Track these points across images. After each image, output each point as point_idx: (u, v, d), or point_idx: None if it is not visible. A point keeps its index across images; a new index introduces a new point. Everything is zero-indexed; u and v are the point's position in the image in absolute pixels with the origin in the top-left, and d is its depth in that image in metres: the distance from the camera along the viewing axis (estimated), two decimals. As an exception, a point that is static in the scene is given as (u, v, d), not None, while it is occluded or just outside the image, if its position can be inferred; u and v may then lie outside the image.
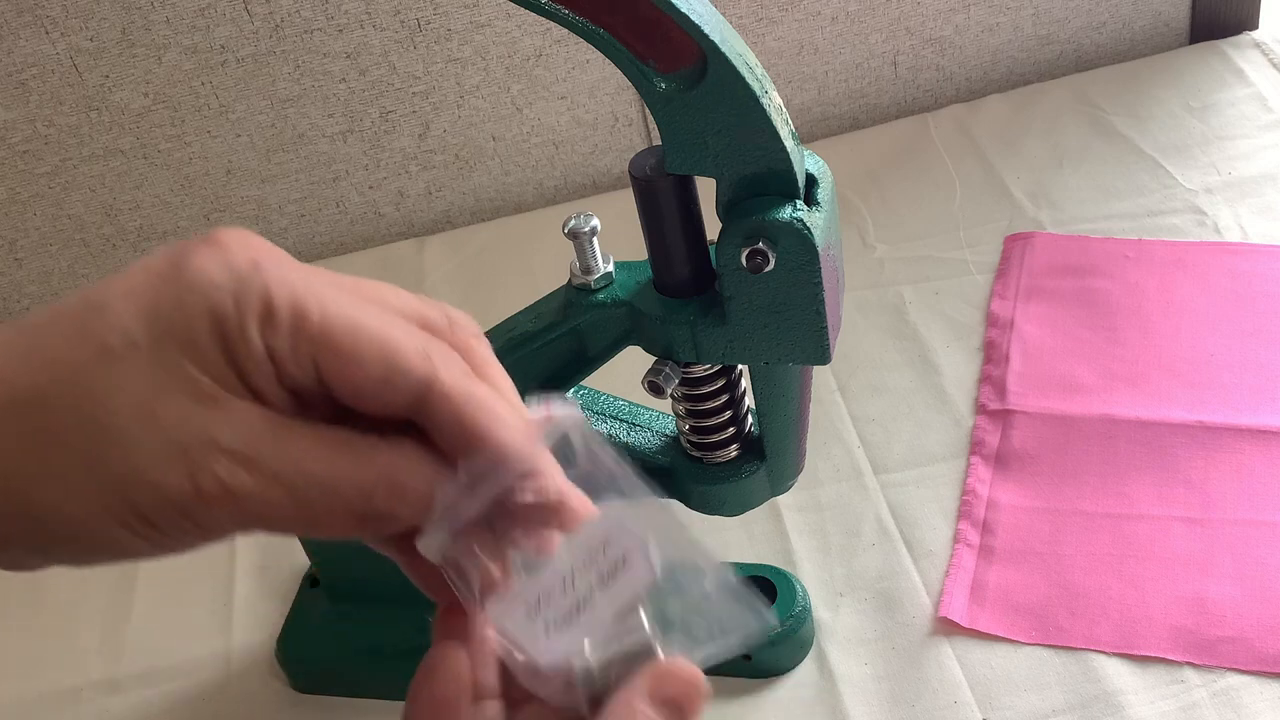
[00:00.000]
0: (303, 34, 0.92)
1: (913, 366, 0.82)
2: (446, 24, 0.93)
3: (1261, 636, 0.64)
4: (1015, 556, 0.70)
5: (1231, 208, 0.88)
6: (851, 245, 0.91)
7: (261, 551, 0.79)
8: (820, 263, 0.50)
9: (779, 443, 0.60)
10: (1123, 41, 1.05)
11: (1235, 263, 0.84)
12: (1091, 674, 0.64)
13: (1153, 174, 0.93)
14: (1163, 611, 0.66)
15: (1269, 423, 0.73)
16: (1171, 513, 0.70)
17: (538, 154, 1.01)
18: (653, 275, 0.56)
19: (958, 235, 0.91)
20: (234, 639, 0.74)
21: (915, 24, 1.01)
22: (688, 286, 0.55)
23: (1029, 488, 0.73)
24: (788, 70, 1.01)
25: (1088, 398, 0.77)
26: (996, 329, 0.83)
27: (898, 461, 0.77)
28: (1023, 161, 0.96)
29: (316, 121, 0.96)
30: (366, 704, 0.69)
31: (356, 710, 0.69)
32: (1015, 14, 1.02)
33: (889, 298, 0.87)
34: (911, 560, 0.71)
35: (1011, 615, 0.67)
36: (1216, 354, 0.78)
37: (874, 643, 0.68)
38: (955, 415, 0.78)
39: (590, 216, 0.56)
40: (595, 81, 0.98)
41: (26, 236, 0.98)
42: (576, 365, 0.60)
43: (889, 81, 1.04)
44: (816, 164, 0.52)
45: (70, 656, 0.75)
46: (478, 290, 0.95)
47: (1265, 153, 0.92)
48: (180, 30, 0.90)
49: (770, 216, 0.49)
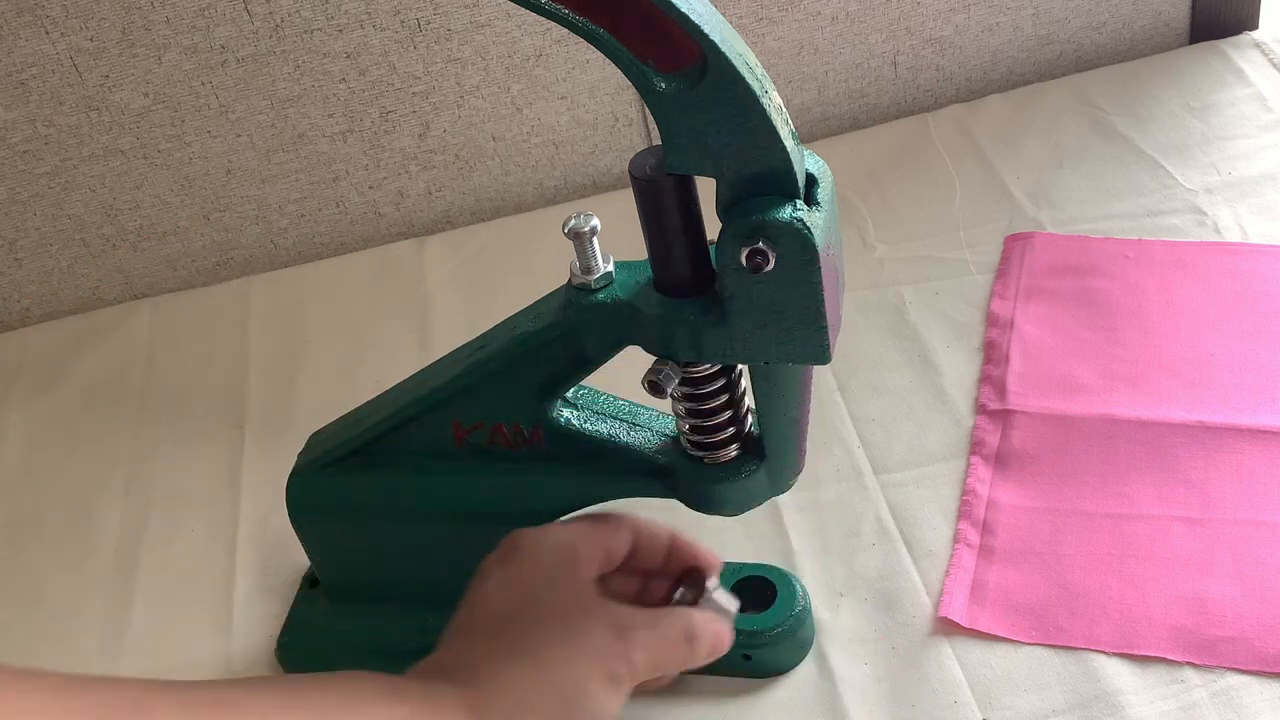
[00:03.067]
0: (303, 34, 0.92)
1: (913, 366, 0.82)
2: (446, 24, 0.93)
3: (1261, 636, 0.64)
4: (1015, 556, 0.70)
5: (1231, 208, 0.88)
6: (851, 245, 0.91)
7: (261, 551, 0.79)
8: (820, 262, 0.50)
9: (779, 443, 0.60)
10: (1123, 41, 1.05)
11: (1235, 263, 0.84)
12: (1091, 674, 0.64)
13: (1153, 174, 0.93)
14: (1163, 611, 0.66)
15: (1269, 423, 0.73)
16: (1171, 513, 0.70)
17: (538, 154, 1.01)
18: (653, 275, 0.56)
19: (958, 235, 0.91)
20: (234, 639, 0.74)
21: (915, 24, 1.01)
22: (688, 286, 0.55)
23: (1029, 488, 0.73)
24: (788, 70, 1.01)
25: (1088, 398, 0.77)
26: (996, 329, 0.83)
27: (898, 461, 0.77)
28: (1023, 161, 0.96)
29: (316, 121, 0.96)
30: (366, 704, 0.69)
31: (356, 710, 0.69)
32: (1015, 14, 1.02)
33: (889, 298, 0.87)
34: (911, 560, 0.71)
35: (1011, 615, 0.67)
36: (1216, 354, 0.78)
37: (874, 643, 0.68)
38: (955, 415, 0.78)
39: (590, 216, 0.56)
40: (595, 81, 0.98)
41: (26, 236, 0.98)
42: (576, 365, 0.60)
43: (889, 81, 1.04)
44: (816, 164, 0.52)
45: (70, 656, 0.75)
46: (478, 290, 0.95)
47: (1265, 153, 0.92)
48: (180, 30, 0.90)
49: (770, 216, 0.49)
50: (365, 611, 0.69)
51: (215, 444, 0.87)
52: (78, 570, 0.80)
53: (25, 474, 0.88)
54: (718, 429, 0.60)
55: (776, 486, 0.63)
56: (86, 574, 0.80)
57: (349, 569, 0.69)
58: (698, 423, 0.60)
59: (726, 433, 0.60)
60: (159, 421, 0.89)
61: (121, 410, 0.91)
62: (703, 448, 0.61)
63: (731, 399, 0.60)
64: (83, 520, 0.83)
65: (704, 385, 0.58)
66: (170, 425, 0.89)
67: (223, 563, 0.79)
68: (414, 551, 0.66)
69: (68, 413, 0.92)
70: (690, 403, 0.59)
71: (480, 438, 0.62)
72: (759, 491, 0.62)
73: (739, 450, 0.61)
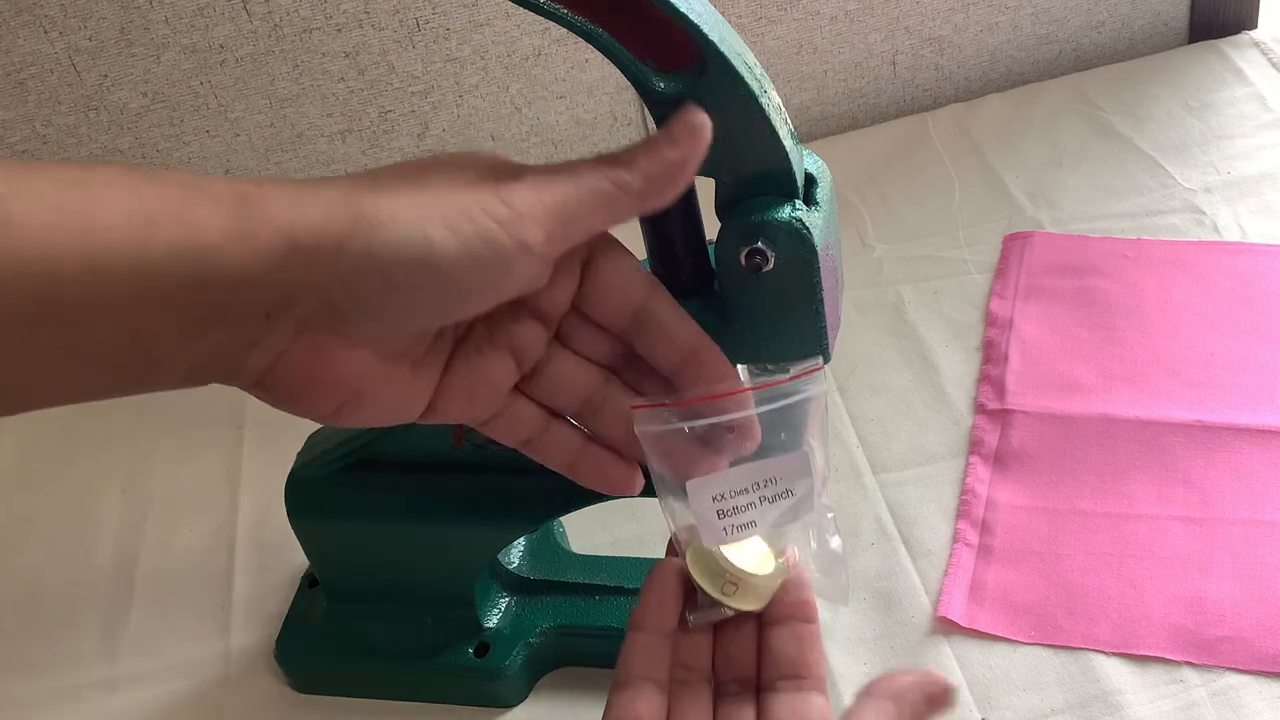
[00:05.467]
0: (301, 33, 0.92)
1: (911, 366, 0.82)
2: (445, 23, 0.93)
3: (1261, 636, 0.64)
4: (1014, 556, 0.70)
5: (1230, 207, 0.88)
6: (850, 245, 0.91)
7: (261, 551, 0.79)
8: (819, 262, 0.50)
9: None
10: (1121, 41, 1.05)
11: (1234, 262, 0.84)
12: (1090, 673, 0.64)
13: (1151, 173, 0.93)
14: (1162, 611, 0.66)
15: (1269, 422, 0.73)
16: (1170, 512, 0.70)
17: (537, 153, 1.01)
18: (652, 275, 0.56)
19: (957, 235, 0.91)
20: (234, 639, 0.74)
21: (914, 23, 1.01)
22: (686, 286, 0.55)
23: (1028, 487, 0.73)
24: (787, 70, 1.01)
25: (1087, 397, 0.77)
26: (995, 328, 0.83)
27: (896, 461, 0.77)
28: (1022, 161, 0.96)
29: (315, 121, 0.96)
30: (366, 704, 0.69)
31: (356, 710, 0.69)
32: (1014, 13, 1.02)
33: (888, 297, 0.87)
34: (910, 560, 0.71)
35: (1010, 615, 0.67)
36: (1216, 353, 0.78)
37: (873, 642, 0.68)
38: (954, 415, 0.78)
39: (589, 216, 0.56)
40: (594, 81, 0.98)
41: (25, 236, 0.98)
42: (575, 365, 0.60)
43: (888, 81, 1.04)
44: (815, 163, 0.52)
45: (69, 657, 0.75)
46: (477, 290, 0.95)
47: (1264, 152, 0.92)
48: (179, 29, 0.90)
49: (769, 216, 0.49)
50: (365, 611, 0.69)
51: (214, 444, 0.87)
52: (77, 570, 0.80)
53: (25, 474, 0.88)
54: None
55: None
56: (86, 573, 0.80)
57: (348, 569, 0.69)
58: (697, 422, 0.60)
59: (726, 432, 0.60)
60: (158, 421, 0.89)
61: (121, 410, 0.91)
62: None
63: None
64: (82, 520, 0.83)
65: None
66: (169, 425, 0.89)
67: (222, 562, 0.79)
68: (413, 552, 0.66)
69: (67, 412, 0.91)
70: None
71: (479, 438, 0.62)
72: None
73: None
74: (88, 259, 0.38)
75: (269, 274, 0.41)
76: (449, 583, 0.67)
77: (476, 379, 0.48)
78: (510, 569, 0.70)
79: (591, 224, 0.45)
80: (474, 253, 0.42)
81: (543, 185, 0.44)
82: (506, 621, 0.68)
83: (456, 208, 0.42)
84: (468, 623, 0.67)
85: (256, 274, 0.40)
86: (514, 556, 0.70)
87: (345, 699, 0.70)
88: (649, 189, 0.45)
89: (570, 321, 0.49)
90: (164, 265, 0.39)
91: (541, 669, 0.69)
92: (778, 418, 0.49)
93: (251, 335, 0.42)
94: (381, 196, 0.42)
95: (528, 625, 0.68)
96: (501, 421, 0.50)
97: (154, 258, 0.39)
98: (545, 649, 0.68)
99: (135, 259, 0.39)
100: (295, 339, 0.43)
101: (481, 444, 0.63)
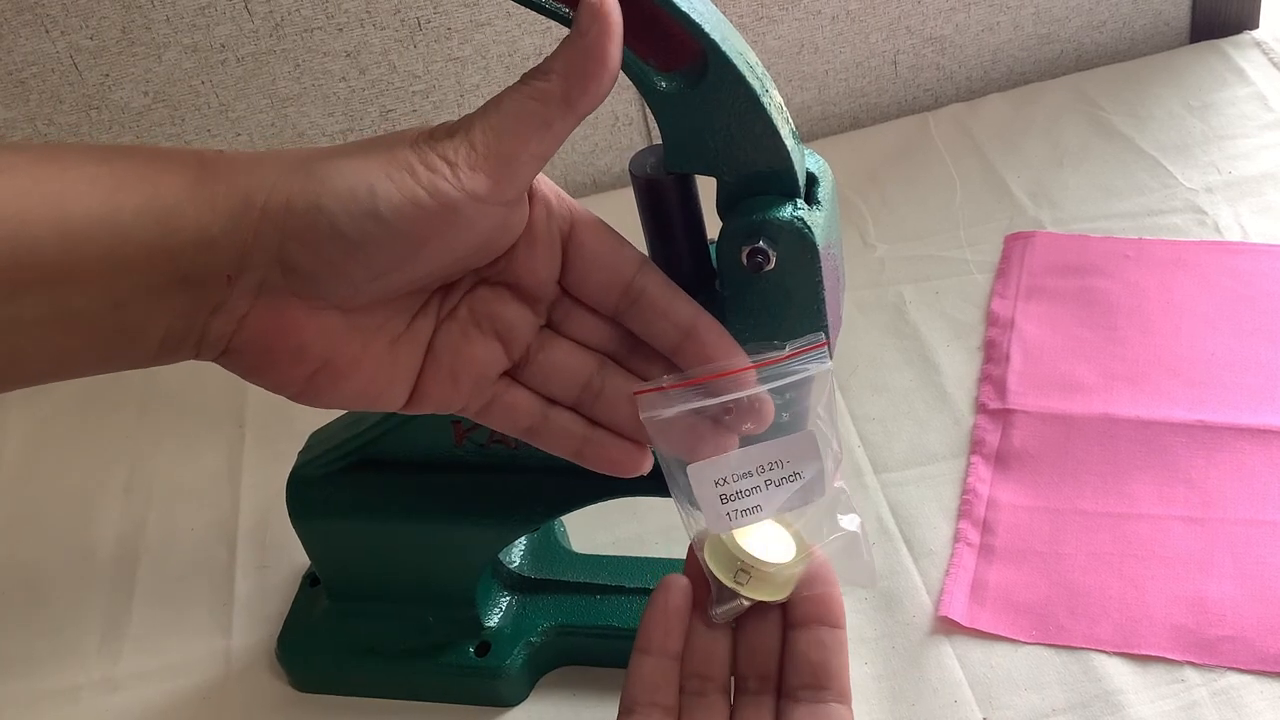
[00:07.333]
0: (303, 33, 0.92)
1: (913, 366, 0.82)
2: (447, 23, 0.93)
3: (1262, 636, 0.64)
4: (1015, 556, 0.70)
5: (1232, 207, 0.88)
6: (852, 244, 0.91)
7: (261, 551, 0.79)
8: (821, 262, 0.50)
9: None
10: (1123, 40, 1.05)
11: (1235, 262, 0.84)
12: (1092, 673, 0.64)
13: (1153, 173, 0.93)
14: (1163, 611, 0.66)
15: (1269, 422, 0.73)
16: (1172, 512, 0.70)
17: (538, 153, 1.01)
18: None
19: (958, 234, 0.91)
20: (234, 638, 0.74)
21: (915, 23, 1.01)
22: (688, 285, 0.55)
23: (1029, 487, 0.73)
24: (788, 69, 1.01)
25: (1088, 397, 0.77)
26: (997, 328, 0.83)
27: (898, 460, 0.77)
28: (1023, 160, 0.96)
29: (316, 120, 0.96)
30: (366, 704, 0.69)
31: (356, 710, 0.69)
32: (1015, 13, 1.02)
33: (889, 297, 0.87)
34: (911, 559, 0.71)
35: (1011, 614, 0.67)
36: (1217, 353, 0.78)
37: (874, 642, 0.68)
38: (955, 414, 0.78)
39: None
40: (595, 80, 0.98)
41: (26, 235, 0.98)
42: (577, 364, 0.60)
43: (889, 80, 1.04)
44: (817, 163, 0.52)
45: (70, 656, 0.75)
46: (478, 289, 0.95)
47: (1265, 152, 0.92)
48: (180, 29, 0.90)
49: (770, 215, 0.49)
50: (365, 611, 0.69)
51: (215, 443, 0.87)
52: (78, 570, 0.80)
53: (25, 473, 0.88)
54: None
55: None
56: (86, 573, 0.80)
57: (349, 568, 0.69)
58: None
59: (727, 432, 0.60)
60: (160, 420, 0.89)
61: (122, 409, 0.91)
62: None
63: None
64: (83, 520, 0.83)
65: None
66: (171, 424, 0.89)
67: (223, 562, 0.79)
68: (414, 551, 0.66)
69: (68, 411, 0.92)
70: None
71: (480, 437, 0.62)
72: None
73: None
74: (62, 224, 0.40)
75: (226, 234, 0.42)
76: (450, 582, 0.67)
77: (460, 362, 0.48)
78: (511, 568, 0.70)
79: (530, 148, 0.44)
80: (418, 200, 0.42)
81: (474, 128, 0.44)
82: (507, 621, 0.68)
83: (398, 161, 0.43)
84: (469, 622, 0.67)
85: (215, 233, 0.42)
86: (515, 556, 0.70)
87: (346, 698, 0.70)
88: (572, 88, 0.43)
89: (561, 307, 0.49)
90: (132, 229, 0.41)
91: (542, 668, 0.69)
92: (780, 397, 0.48)
93: (215, 298, 0.43)
94: (331, 158, 0.43)
95: (529, 624, 0.68)
96: (496, 410, 0.49)
97: (123, 220, 0.41)
98: (546, 648, 0.68)
99: (106, 221, 0.40)
100: (256, 301, 0.43)
101: (483, 443, 0.63)
